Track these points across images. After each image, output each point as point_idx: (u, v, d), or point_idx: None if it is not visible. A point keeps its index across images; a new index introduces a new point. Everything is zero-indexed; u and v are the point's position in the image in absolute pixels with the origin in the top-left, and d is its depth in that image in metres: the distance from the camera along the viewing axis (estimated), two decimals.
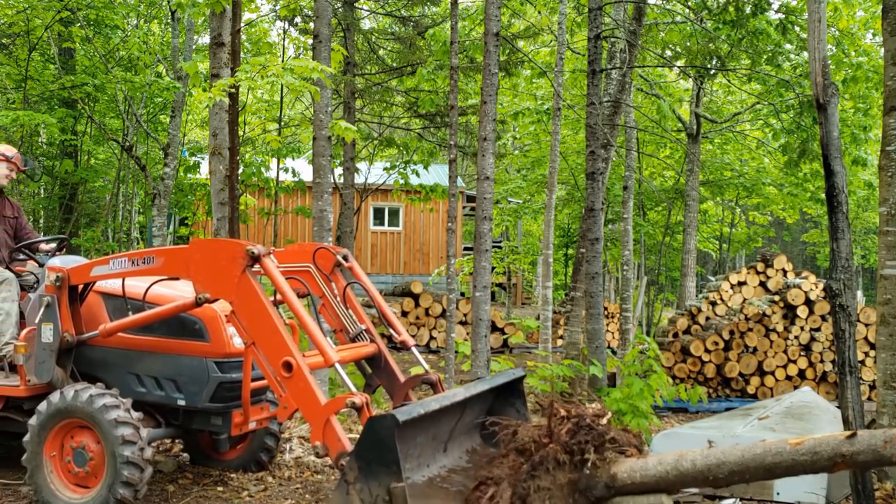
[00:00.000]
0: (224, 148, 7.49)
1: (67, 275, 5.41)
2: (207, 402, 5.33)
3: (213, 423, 5.53)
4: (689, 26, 13.75)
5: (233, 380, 5.34)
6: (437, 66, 14.42)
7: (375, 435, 3.94)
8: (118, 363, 5.53)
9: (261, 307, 4.63)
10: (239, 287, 4.72)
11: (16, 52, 17.33)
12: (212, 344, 5.34)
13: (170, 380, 5.39)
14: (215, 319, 5.35)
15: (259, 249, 4.72)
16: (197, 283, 4.93)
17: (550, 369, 10.10)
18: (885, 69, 6.68)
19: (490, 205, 7.15)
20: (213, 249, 4.88)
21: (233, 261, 4.75)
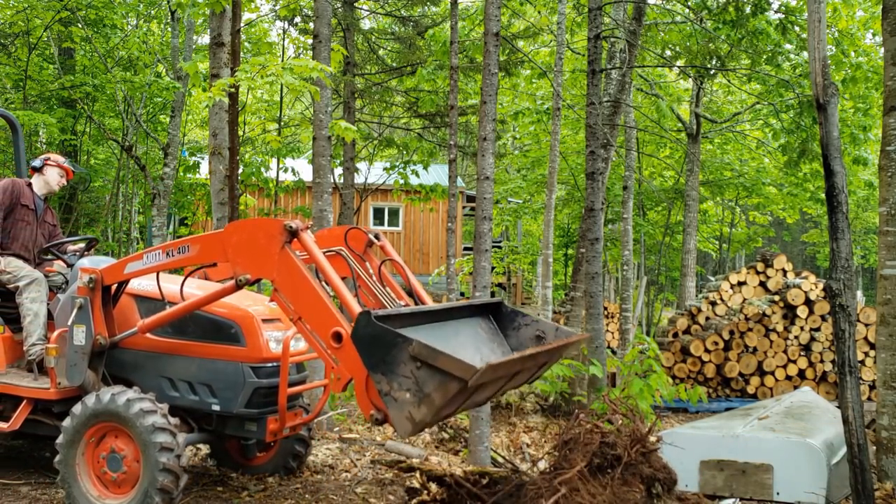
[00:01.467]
0: (224, 148, 7.49)
1: (101, 276, 5.30)
2: (243, 407, 5.23)
3: (248, 428, 5.43)
4: (688, 26, 13.75)
5: (269, 385, 5.26)
6: (437, 66, 14.42)
7: (365, 340, 3.95)
8: (151, 366, 5.42)
9: (304, 281, 4.55)
10: (280, 264, 4.64)
11: (16, 52, 17.33)
12: (248, 348, 5.26)
13: (204, 384, 5.31)
14: (252, 323, 5.28)
15: (297, 224, 4.68)
16: (237, 265, 4.83)
17: (550, 369, 10.11)
18: (885, 69, 6.68)
19: (490, 205, 7.15)
20: (250, 229, 4.82)
21: (271, 238, 4.68)
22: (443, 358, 3.77)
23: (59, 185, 6.42)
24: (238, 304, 5.40)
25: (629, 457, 4.59)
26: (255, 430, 5.41)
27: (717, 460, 6.36)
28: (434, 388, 3.77)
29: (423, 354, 3.79)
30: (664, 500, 4.68)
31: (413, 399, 3.82)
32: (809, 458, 6.13)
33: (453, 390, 3.75)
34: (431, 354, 3.79)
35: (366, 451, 7.24)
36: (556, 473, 4.55)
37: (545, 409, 10.41)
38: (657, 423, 5.20)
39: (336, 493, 5.91)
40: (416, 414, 3.83)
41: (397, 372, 3.86)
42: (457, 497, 5.07)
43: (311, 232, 4.94)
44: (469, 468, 5.78)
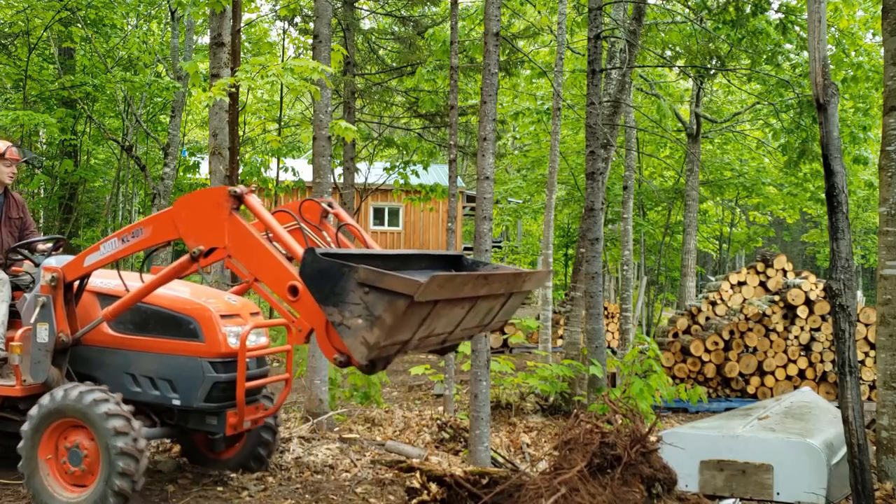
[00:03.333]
0: (224, 148, 7.49)
1: (63, 273, 5.38)
2: (202, 401, 5.33)
3: (209, 422, 5.51)
4: (689, 26, 13.75)
5: (228, 379, 5.34)
6: (436, 66, 14.42)
7: (313, 275, 4.02)
8: (114, 363, 5.52)
9: (255, 242, 4.63)
10: (230, 229, 4.72)
11: (16, 53, 17.33)
12: (207, 343, 5.34)
13: (165, 379, 5.39)
14: (210, 319, 5.36)
15: (241, 189, 4.76)
16: (189, 239, 4.90)
17: (550, 369, 10.11)
18: (885, 69, 6.68)
19: (490, 205, 7.14)
20: (196, 200, 4.91)
21: (218, 206, 4.76)
22: (388, 278, 3.85)
23: (10, 178, 6.31)
24: (197, 300, 5.50)
25: (629, 457, 4.58)
26: (216, 424, 5.49)
27: (717, 460, 6.37)
28: (384, 309, 3.84)
29: (369, 279, 3.87)
30: (664, 500, 4.68)
31: (365, 324, 3.90)
32: (809, 458, 6.13)
33: (401, 308, 3.82)
34: (377, 277, 3.87)
35: (366, 451, 7.24)
36: (556, 473, 4.55)
37: (545, 409, 10.40)
38: (657, 423, 5.20)
39: (336, 493, 5.91)
40: (370, 337, 3.90)
41: (347, 300, 3.94)
42: (457, 497, 5.07)
43: None
44: (469, 468, 5.78)
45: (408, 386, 12.47)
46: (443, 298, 4.07)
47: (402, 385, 12.65)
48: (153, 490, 5.76)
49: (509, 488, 4.80)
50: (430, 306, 4.06)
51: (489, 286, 4.51)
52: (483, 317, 4.86)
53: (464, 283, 4.21)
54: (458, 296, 4.24)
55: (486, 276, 4.45)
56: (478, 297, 4.48)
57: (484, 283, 4.43)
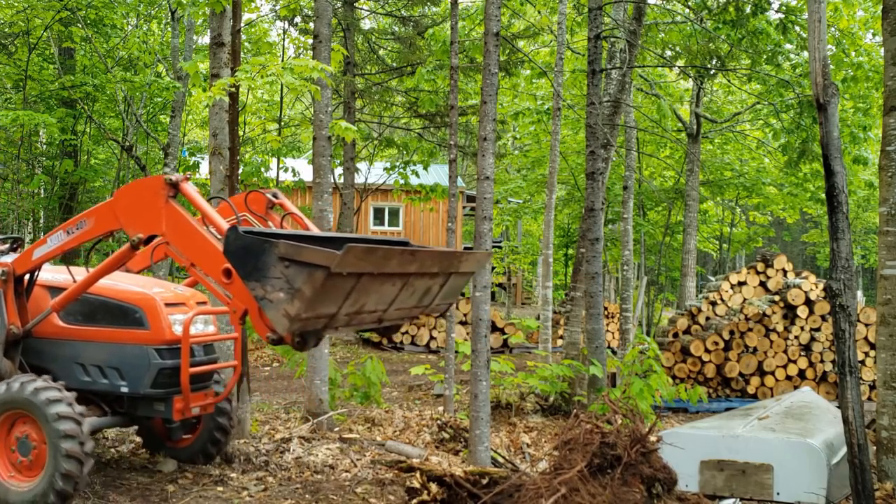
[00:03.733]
0: (224, 148, 7.48)
1: (12, 268, 5.54)
2: (149, 388, 5.48)
3: (157, 409, 5.66)
4: (689, 26, 13.75)
5: (173, 366, 5.51)
6: (436, 66, 14.42)
7: (236, 253, 4.18)
8: (65, 354, 5.67)
9: (190, 228, 4.79)
10: (167, 216, 4.89)
11: (16, 53, 17.32)
12: (152, 331, 5.50)
13: (113, 368, 5.55)
14: (155, 307, 5.53)
15: (177, 177, 4.94)
16: (129, 227, 5.08)
17: (550, 369, 10.11)
18: (885, 69, 6.68)
19: (490, 205, 7.14)
20: (135, 190, 5.13)
21: (155, 194, 4.94)
22: (306, 251, 3.97)
23: None
24: (143, 290, 5.69)
25: (629, 457, 4.59)
26: (163, 410, 5.64)
27: (718, 460, 6.36)
28: (303, 282, 3.97)
29: (289, 253, 4.00)
30: (664, 500, 4.68)
31: (286, 296, 4.03)
32: (809, 458, 6.13)
33: (320, 279, 3.93)
34: (296, 251, 4.00)
35: (366, 451, 7.24)
36: (556, 473, 4.56)
37: (545, 409, 10.40)
38: (657, 423, 5.20)
39: (336, 493, 5.91)
40: (291, 309, 4.02)
41: (269, 275, 4.08)
42: (457, 497, 5.07)
43: None
44: (469, 468, 5.78)
45: (408, 386, 12.48)
46: (366, 272, 4.15)
47: (402, 385, 12.65)
48: (153, 490, 5.76)
49: (509, 488, 4.80)
50: (353, 280, 4.14)
51: (418, 263, 4.59)
52: (421, 297, 4.93)
53: (386, 258, 4.27)
54: (384, 270, 4.32)
55: (414, 251, 4.53)
56: (408, 274, 4.56)
57: (411, 260, 4.51)
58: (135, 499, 5.54)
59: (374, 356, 9.59)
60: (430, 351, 17.97)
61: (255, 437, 7.24)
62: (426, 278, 4.81)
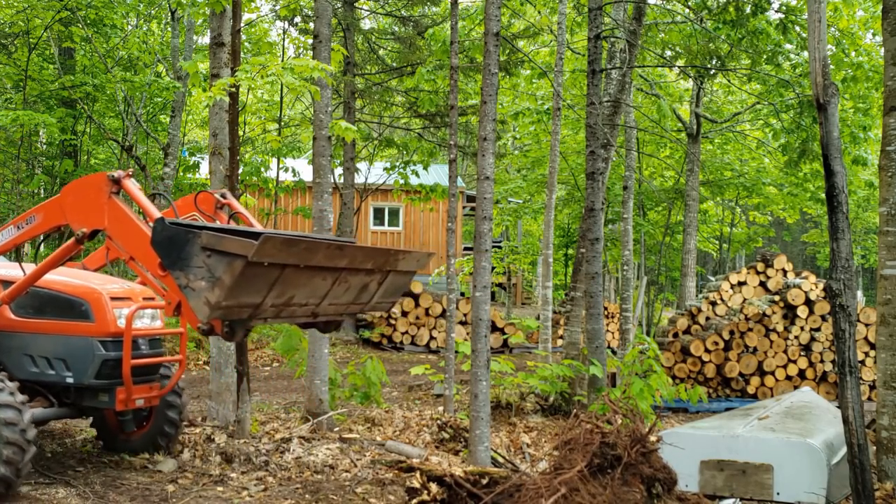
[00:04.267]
0: (224, 148, 7.48)
1: None
2: (93, 379, 5.72)
3: (101, 399, 5.88)
4: (689, 26, 13.74)
5: (116, 357, 5.75)
6: (436, 66, 14.41)
7: (163, 243, 4.35)
8: (15, 346, 5.88)
9: (130, 223, 4.99)
10: (109, 211, 5.11)
11: (16, 53, 17.32)
12: (97, 324, 5.75)
13: (60, 359, 5.78)
14: (100, 301, 5.78)
15: (119, 173, 5.18)
16: (74, 222, 5.33)
17: (550, 369, 10.10)
18: (885, 69, 6.68)
19: (490, 205, 7.14)
20: (80, 186, 5.37)
21: (99, 190, 5.17)
22: (226, 241, 4.12)
23: None
24: (90, 284, 5.95)
25: (629, 457, 4.59)
26: (107, 401, 5.88)
27: (718, 460, 6.36)
28: (223, 271, 4.12)
29: (210, 243, 4.15)
30: (664, 500, 4.68)
31: (207, 285, 4.19)
32: (809, 458, 6.12)
33: (238, 268, 4.06)
34: (217, 240, 4.15)
35: (366, 451, 7.24)
36: (557, 473, 4.56)
37: (545, 409, 10.40)
38: (657, 423, 5.20)
39: (336, 493, 5.91)
40: (211, 297, 4.17)
41: (192, 264, 4.24)
42: (457, 497, 5.07)
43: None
44: (469, 468, 5.77)
45: (408, 386, 12.47)
46: (290, 264, 4.26)
47: (402, 385, 12.65)
48: (153, 490, 5.76)
49: (509, 488, 4.80)
50: (276, 271, 4.25)
51: (349, 258, 4.69)
52: (358, 294, 5.05)
53: (310, 250, 4.38)
54: (310, 263, 4.41)
55: (341, 246, 4.64)
56: (339, 269, 4.66)
57: (339, 254, 4.60)
58: (135, 499, 5.54)
59: (374, 356, 9.59)
60: (430, 351, 17.97)
61: (255, 437, 7.24)
62: (361, 275, 4.94)
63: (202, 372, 12.77)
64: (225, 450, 6.65)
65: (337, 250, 4.55)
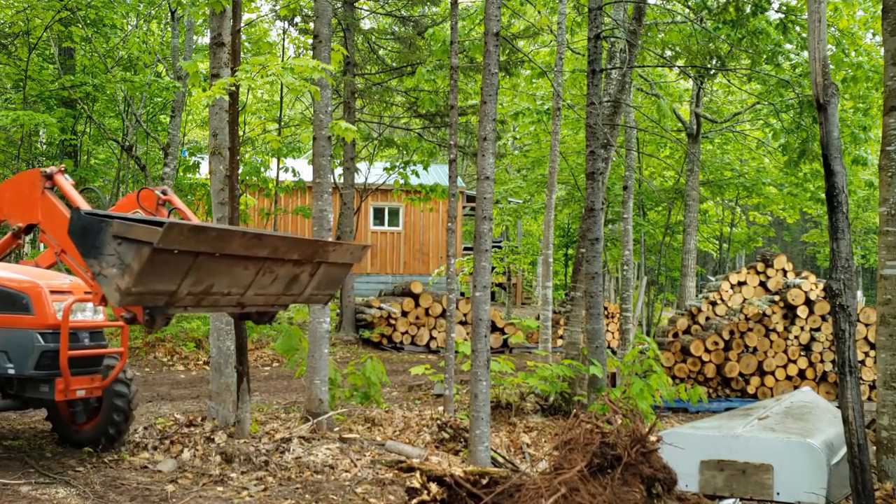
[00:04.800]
0: (224, 148, 7.48)
1: None
2: (33, 370, 5.92)
3: (41, 390, 6.06)
4: (689, 26, 13.74)
5: (55, 349, 5.96)
6: (436, 66, 14.41)
7: (78, 232, 4.46)
8: None
9: (62, 216, 5.14)
10: (42, 206, 5.31)
11: (16, 53, 17.32)
12: (37, 316, 5.95)
13: (2, 352, 5.99)
14: (40, 294, 5.97)
15: (52, 169, 5.39)
16: (10, 218, 5.55)
17: (550, 369, 10.10)
18: (885, 69, 6.68)
19: (490, 205, 7.14)
20: (15, 182, 5.62)
21: (33, 186, 5.38)
22: (135, 228, 4.23)
23: None
24: (31, 278, 6.15)
25: (629, 457, 4.59)
26: (47, 392, 6.06)
27: (718, 460, 6.36)
28: (132, 258, 4.23)
29: (120, 231, 4.27)
30: (664, 500, 4.68)
31: (118, 272, 4.30)
32: (809, 458, 6.12)
33: (146, 255, 4.16)
34: (127, 228, 4.27)
35: (366, 451, 7.24)
36: (557, 473, 4.56)
37: (545, 409, 10.40)
38: (657, 423, 5.20)
39: (336, 493, 5.91)
40: (121, 283, 4.28)
41: (104, 252, 4.35)
42: (457, 497, 5.06)
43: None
44: (469, 468, 5.77)
45: (408, 386, 12.47)
46: (202, 252, 4.34)
47: (402, 385, 12.65)
48: (153, 490, 5.76)
49: (509, 488, 4.80)
50: (188, 258, 4.33)
51: (270, 248, 4.74)
52: (288, 285, 5.11)
53: (223, 238, 4.44)
54: (225, 252, 4.47)
55: (260, 235, 4.69)
56: (262, 258, 4.71)
57: (258, 243, 4.65)
58: (135, 499, 5.54)
59: (374, 356, 9.59)
60: (430, 351, 17.97)
61: (255, 437, 7.23)
62: (289, 265, 4.98)
63: (202, 372, 12.77)
64: (225, 450, 6.65)
65: (255, 239, 4.62)
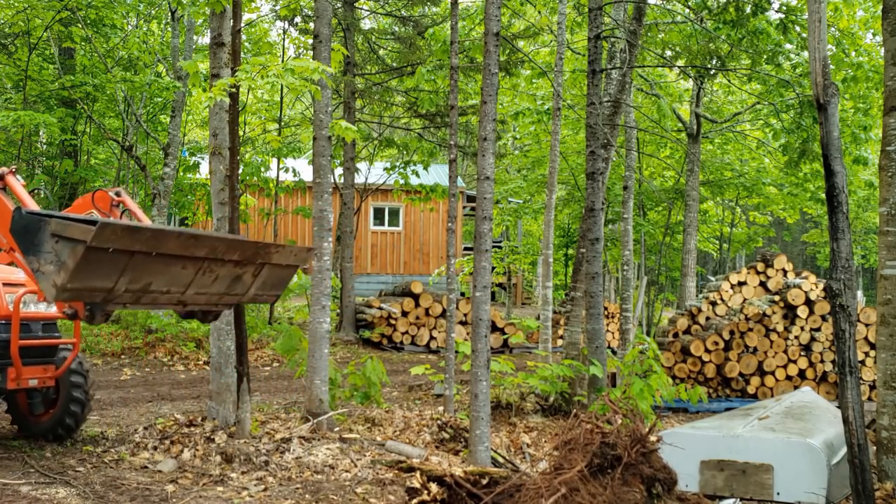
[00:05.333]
0: (224, 148, 7.48)
1: None
2: None
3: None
4: (689, 26, 13.74)
5: (6, 339, 6.17)
6: (436, 66, 14.42)
7: (19, 231, 4.64)
8: None
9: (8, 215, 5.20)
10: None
11: (16, 53, 17.32)
12: None
13: None
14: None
15: (2, 170, 5.61)
16: None
17: (550, 369, 10.10)
18: (885, 69, 6.68)
19: (490, 205, 7.14)
20: None
21: None
22: (71, 227, 4.37)
23: None
24: None
25: (629, 457, 4.58)
26: (1, 381, 6.24)
27: (718, 460, 6.36)
28: (68, 255, 4.36)
29: (58, 229, 4.42)
30: (664, 500, 4.69)
31: (54, 269, 4.44)
32: (809, 458, 6.12)
33: (80, 252, 4.28)
34: (63, 227, 4.41)
35: (366, 451, 7.24)
36: (557, 473, 4.56)
37: (545, 409, 10.40)
38: (657, 423, 5.20)
39: (336, 493, 5.91)
40: (58, 280, 4.42)
41: (43, 250, 4.52)
42: (457, 497, 5.07)
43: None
44: (469, 468, 5.77)
45: (408, 386, 12.48)
46: (138, 251, 4.46)
47: (402, 385, 12.65)
48: (153, 490, 5.76)
49: (509, 488, 4.80)
50: (124, 257, 4.45)
51: (207, 248, 4.84)
52: (231, 284, 5.20)
53: (158, 238, 4.56)
54: (161, 251, 4.58)
55: (197, 236, 4.81)
56: (201, 258, 4.81)
57: (195, 243, 4.75)
58: (135, 499, 5.54)
59: (374, 356, 9.59)
60: (430, 351, 17.97)
61: (255, 437, 7.23)
62: (230, 265, 5.07)
63: (202, 372, 12.77)
64: (225, 450, 6.65)
65: (191, 239, 4.71)
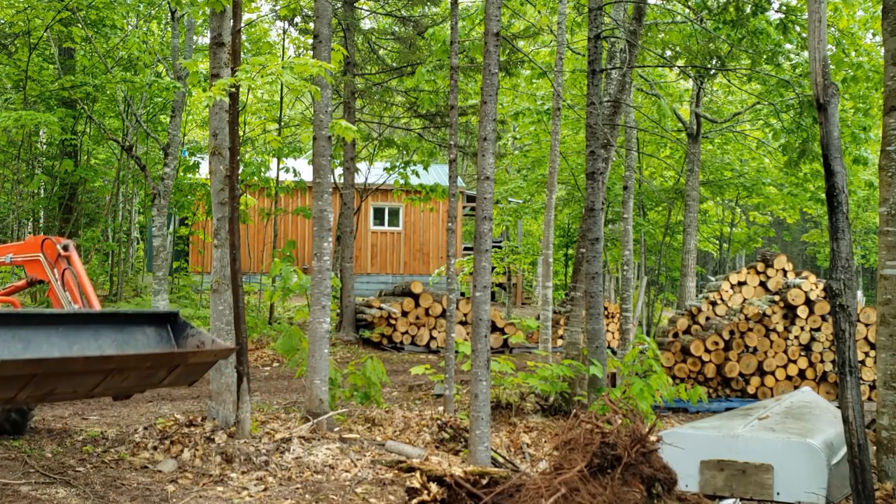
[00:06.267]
0: (224, 148, 7.48)
1: None
2: None
3: None
4: (689, 26, 13.74)
5: None
6: (436, 66, 14.42)
7: None
8: None
9: None
10: None
11: (16, 53, 17.32)
12: None
13: None
14: None
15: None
16: None
17: (550, 369, 10.10)
18: (885, 69, 6.68)
19: (490, 205, 7.14)
20: None
21: None
22: None
23: None
24: None
25: (629, 457, 4.59)
26: None
27: (718, 460, 6.36)
28: None
29: None
30: (664, 500, 4.69)
31: None
32: (809, 458, 6.13)
33: None
34: None
35: (366, 451, 7.24)
36: (557, 473, 4.56)
37: (545, 409, 10.40)
38: (657, 423, 5.20)
39: (336, 493, 5.91)
40: None
41: None
42: (457, 497, 5.07)
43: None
44: (469, 468, 5.77)
45: (408, 386, 12.47)
46: (38, 373, 4.50)
47: (402, 385, 12.65)
48: (153, 490, 5.76)
49: (509, 488, 4.80)
50: (25, 378, 4.50)
51: (116, 363, 4.85)
52: (144, 379, 5.19)
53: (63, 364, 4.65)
54: (65, 370, 4.65)
55: (109, 358, 4.84)
56: (109, 370, 4.82)
57: (104, 362, 4.79)
58: (135, 499, 5.54)
59: (374, 356, 9.59)
60: (430, 351, 17.96)
61: (255, 437, 7.23)
62: (141, 370, 5.08)
63: None
64: (225, 450, 6.65)
65: (100, 361, 4.75)
